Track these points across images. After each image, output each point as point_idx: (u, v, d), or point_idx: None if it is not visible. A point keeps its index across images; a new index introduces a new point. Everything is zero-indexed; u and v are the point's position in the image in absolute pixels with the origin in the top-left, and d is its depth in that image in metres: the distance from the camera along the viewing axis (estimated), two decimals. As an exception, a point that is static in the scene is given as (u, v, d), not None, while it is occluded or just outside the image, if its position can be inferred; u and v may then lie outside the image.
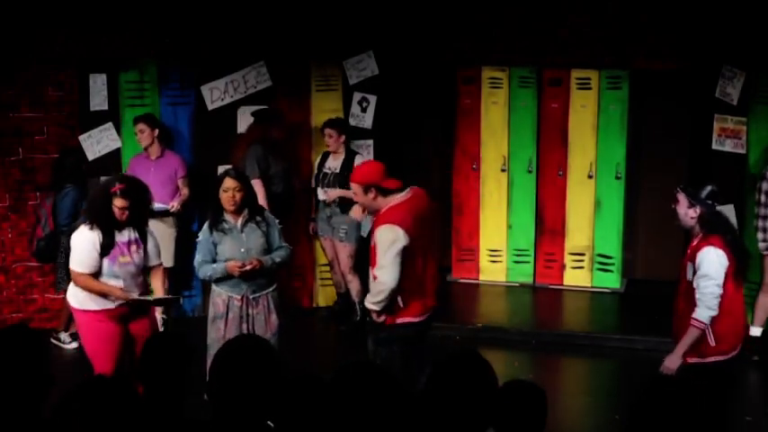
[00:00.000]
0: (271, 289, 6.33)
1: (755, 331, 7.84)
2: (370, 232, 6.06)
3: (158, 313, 8.35)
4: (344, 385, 3.06)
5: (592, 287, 9.45)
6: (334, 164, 8.48)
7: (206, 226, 6.27)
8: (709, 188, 5.57)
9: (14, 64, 8.11)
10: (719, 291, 5.35)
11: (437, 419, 3.12)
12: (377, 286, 5.81)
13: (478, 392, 3.14)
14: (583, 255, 9.44)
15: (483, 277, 9.75)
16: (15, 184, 8.23)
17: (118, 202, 5.84)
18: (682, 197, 5.54)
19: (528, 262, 9.60)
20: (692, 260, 5.49)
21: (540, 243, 9.56)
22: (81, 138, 8.33)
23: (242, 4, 8.63)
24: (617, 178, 9.24)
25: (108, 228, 5.89)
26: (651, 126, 9.39)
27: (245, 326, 6.15)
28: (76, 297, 6.05)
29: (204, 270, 6.24)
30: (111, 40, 8.39)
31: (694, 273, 5.45)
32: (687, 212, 5.50)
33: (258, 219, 6.26)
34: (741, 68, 8.35)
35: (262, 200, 7.73)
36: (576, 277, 9.48)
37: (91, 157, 8.27)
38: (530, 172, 9.43)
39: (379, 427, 2.97)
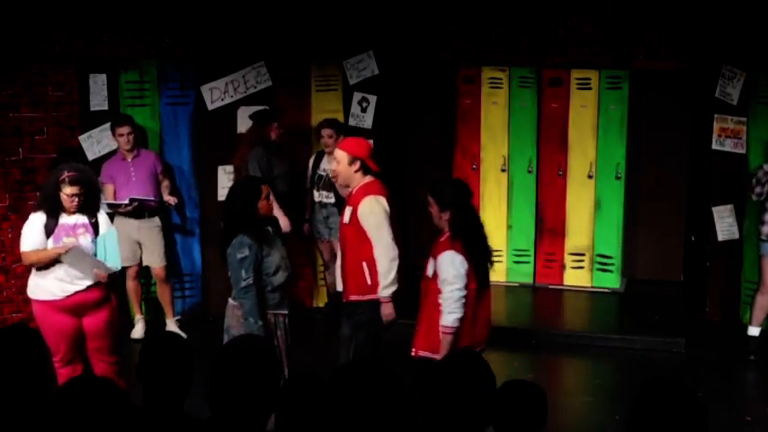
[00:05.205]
0: None
1: (754, 331, 7.85)
2: (345, 211, 5.98)
3: (173, 321, 8.34)
4: (344, 385, 3.06)
5: (592, 287, 9.46)
6: (330, 166, 8.46)
7: (248, 240, 5.56)
8: (456, 185, 5.56)
9: (14, 64, 8.10)
10: (461, 293, 5.33)
11: (436, 419, 3.12)
12: (385, 265, 5.77)
13: (477, 392, 3.14)
14: (583, 255, 9.44)
15: (483, 277, 9.74)
16: (15, 184, 8.22)
17: (67, 190, 5.84)
18: (432, 201, 5.48)
19: (528, 262, 9.60)
20: (435, 258, 5.45)
21: (540, 243, 9.56)
22: (81, 138, 8.33)
23: (242, 4, 8.64)
24: (617, 178, 9.24)
25: (54, 212, 5.90)
26: (651, 126, 9.40)
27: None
28: (29, 286, 6.08)
29: (252, 310, 5.59)
30: (111, 40, 8.40)
31: (435, 270, 5.41)
32: (441, 216, 5.46)
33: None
34: (741, 68, 8.36)
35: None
36: (576, 277, 9.49)
37: (91, 157, 8.26)
38: (530, 172, 9.43)
39: (378, 427, 2.97)
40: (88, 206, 5.98)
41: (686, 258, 9.46)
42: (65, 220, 5.94)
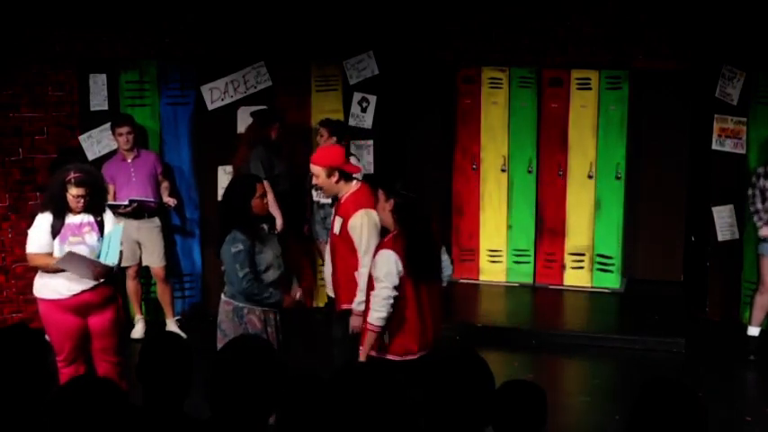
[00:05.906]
0: None
1: (753, 331, 7.85)
2: (335, 221, 5.97)
3: (173, 321, 8.35)
4: (344, 385, 3.06)
5: (592, 287, 9.46)
6: None
7: (241, 235, 5.60)
8: (407, 182, 5.56)
9: (14, 64, 8.11)
10: (390, 293, 5.28)
11: (436, 419, 3.12)
12: (366, 280, 5.68)
13: (476, 392, 3.14)
14: (583, 255, 9.44)
15: (483, 277, 9.76)
16: (15, 184, 8.23)
17: (73, 191, 5.85)
18: (380, 193, 5.46)
19: (528, 262, 9.60)
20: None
21: (540, 243, 9.56)
22: (81, 138, 8.34)
23: (242, 4, 8.64)
24: (617, 178, 9.24)
25: (60, 213, 5.90)
26: (651, 126, 9.40)
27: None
28: (36, 285, 6.08)
29: (260, 289, 5.66)
30: (111, 40, 8.40)
31: None
32: (385, 207, 5.42)
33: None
34: (741, 68, 8.36)
35: (271, 201, 7.74)
36: (576, 277, 9.49)
37: (91, 157, 8.26)
38: (530, 172, 9.43)
39: (378, 427, 2.97)
40: (94, 205, 6.00)
41: (686, 258, 9.46)
42: (71, 219, 5.96)
